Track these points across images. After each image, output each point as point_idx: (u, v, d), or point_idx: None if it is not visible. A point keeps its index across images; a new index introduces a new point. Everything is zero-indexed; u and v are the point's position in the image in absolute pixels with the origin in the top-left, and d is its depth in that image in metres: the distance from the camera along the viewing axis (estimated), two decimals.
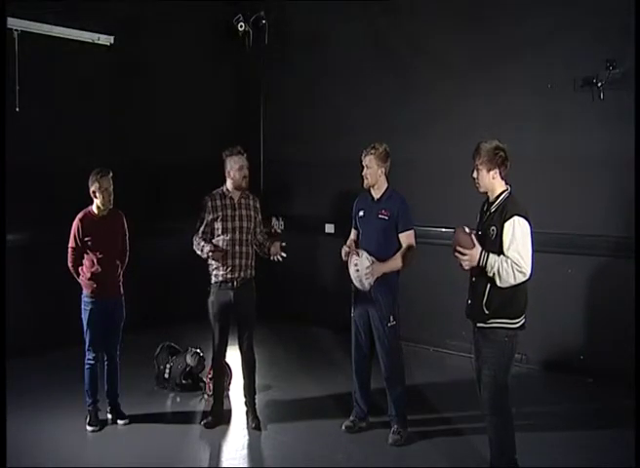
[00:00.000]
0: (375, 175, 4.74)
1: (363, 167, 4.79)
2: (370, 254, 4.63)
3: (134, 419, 5.05)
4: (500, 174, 3.86)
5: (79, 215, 4.87)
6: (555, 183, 6.13)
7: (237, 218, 4.91)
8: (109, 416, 5.03)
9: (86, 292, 4.89)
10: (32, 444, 4.66)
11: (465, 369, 5.44)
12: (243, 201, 4.98)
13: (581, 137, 5.97)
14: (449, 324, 6.52)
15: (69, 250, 4.88)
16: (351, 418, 4.94)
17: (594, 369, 5.88)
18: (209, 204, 4.91)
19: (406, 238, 4.71)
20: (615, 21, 5.73)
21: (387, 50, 7.24)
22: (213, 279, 4.93)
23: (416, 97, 7.03)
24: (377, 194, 4.81)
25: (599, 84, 5.75)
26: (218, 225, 4.87)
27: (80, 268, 4.90)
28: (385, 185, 4.80)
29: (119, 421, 5.01)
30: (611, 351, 5.77)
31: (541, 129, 6.19)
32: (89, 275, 4.86)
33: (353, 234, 4.97)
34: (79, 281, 4.92)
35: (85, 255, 4.87)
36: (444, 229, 6.50)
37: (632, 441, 3.88)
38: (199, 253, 4.85)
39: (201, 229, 4.91)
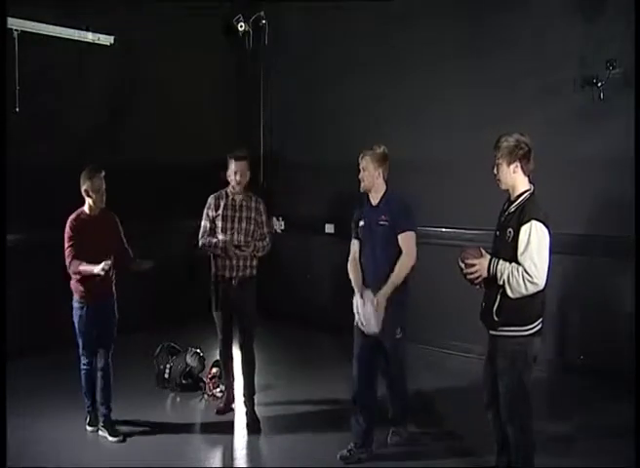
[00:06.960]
0: (371, 178, 4.44)
1: (360, 170, 4.50)
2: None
3: (133, 420, 5.04)
4: (522, 168, 3.63)
5: (72, 217, 4.70)
6: (554, 183, 6.09)
7: (237, 220, 4.94)
8: (101, 433, 4.81)
9: (77, 296, 4.71)
10: (32, 444, 4.66)
11: (467, 369, 5.46)
12: (245, 203, 5.01)
13: (581, 138, 5.96)
14: (451, 324, 6.52)
15: (67, 252, 4.60)
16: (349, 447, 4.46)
17: (594, 369, 5.87)
18: (212, 202, 5.02)
19: (403, 240, 4.37)
20: (615, 22, 5.72)
21: (387, 50, 7.23)
22: (213, 277, 5.00)
23: (417, 98, 7.01)
24: (375, 199, 4.49)
25: (599, 84, 5.75)
26: (217, 224, 4.94)
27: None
28: (384, 189, 4.49)
29: (111, 438, 4.74)
30: (611, 351, 5.76)
31: (541, 129, 6.17)
32: (82, 278, 4.64)
33: (354, 245, 4.58)
34: (72, 285, 4.71)
35: (79, 257, 4.60)
36: (444, 229, 6.49)
37: (632, 442, 3.88)
38: (208, 248, 4.93)
39: (207, 226, 4.99)
